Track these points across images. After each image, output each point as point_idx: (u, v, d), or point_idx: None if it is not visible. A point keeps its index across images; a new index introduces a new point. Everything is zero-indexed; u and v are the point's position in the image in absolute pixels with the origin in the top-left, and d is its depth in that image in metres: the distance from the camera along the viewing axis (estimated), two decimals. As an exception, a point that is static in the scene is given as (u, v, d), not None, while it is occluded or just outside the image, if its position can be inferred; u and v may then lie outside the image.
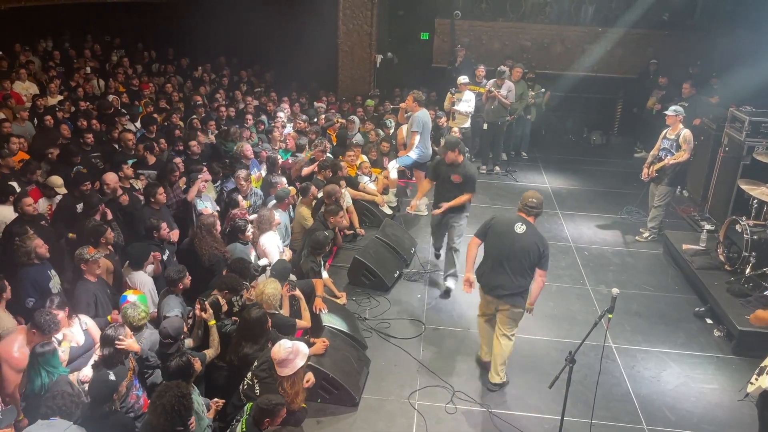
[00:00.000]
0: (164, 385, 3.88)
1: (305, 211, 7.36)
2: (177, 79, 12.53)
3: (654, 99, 11.39)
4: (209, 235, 5.97)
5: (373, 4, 12.33)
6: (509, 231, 5.19)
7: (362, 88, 12.84)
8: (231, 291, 5.19)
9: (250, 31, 14.01)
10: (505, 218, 5.42)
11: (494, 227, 5.33)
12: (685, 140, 7.99)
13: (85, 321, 4.72)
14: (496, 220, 5.41)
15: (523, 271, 5.14)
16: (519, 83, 11.10)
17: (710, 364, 5.95)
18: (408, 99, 8.43)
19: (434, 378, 5.59)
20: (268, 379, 4.42)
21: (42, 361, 4.06)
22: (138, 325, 4.61)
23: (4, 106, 8.76)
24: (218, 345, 4.84)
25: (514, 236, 5.15)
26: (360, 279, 7.03)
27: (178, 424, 3.71)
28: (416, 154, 8.50)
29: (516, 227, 5.18)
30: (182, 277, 5.26)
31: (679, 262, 7.65)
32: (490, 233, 5.35)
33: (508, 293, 5.18)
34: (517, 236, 5.14)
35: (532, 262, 5.11)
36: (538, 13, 13.04)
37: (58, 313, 4.38)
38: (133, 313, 4.60)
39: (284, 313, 5.42)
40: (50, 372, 4.07)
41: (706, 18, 12.54)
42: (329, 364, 5.13)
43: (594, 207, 9.63)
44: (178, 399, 3.66)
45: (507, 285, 5.16)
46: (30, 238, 5.07)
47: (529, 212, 5.27)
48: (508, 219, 5.35)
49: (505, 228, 5.23)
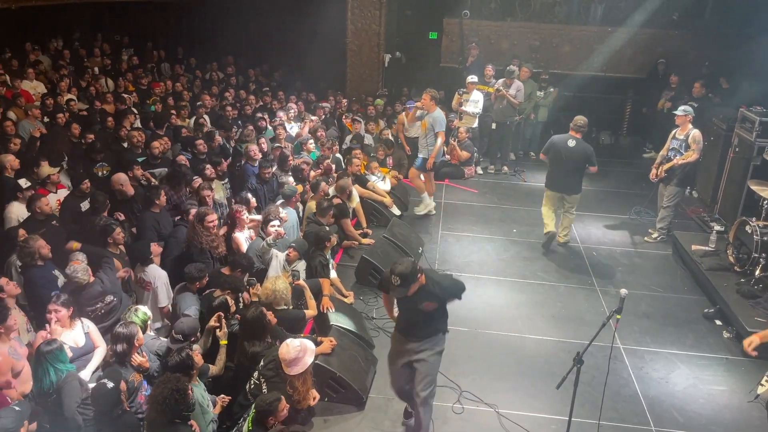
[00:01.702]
0: (162, 378, 3.92)
1: (314, 206, 7.38)
2: (186, 78, 12.59)
3: (663, 100, 11.31)
4: (200, 224, 5.90)
5: (381, 4, 12.33)
6: (564, 146, 7.63)
7: (370, 87, 12.84)
8: (234, 291, 5.23)
9: (259, 31, 14.07)
10: (561, 137, 7.79)
11: (554, 144, 7.78)
12: (695, 140, 7.94)
13: (87, 324, 4.74)
14: (554, 139, 7.86)
15: (576, 171, 7.68)
16: (527, 83, 11.07)
17: (719, 366, 5.92)
18: (424, 97, 8.39)
19: (441, 378, 5.56)
20: (275, 378, 4.44)
21: (50, 358, 4.05)
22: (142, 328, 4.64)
23: (14, 104, 8.82)
24: (223, 366, 4.85)
25: (568, 149, 7.59)
26: (367, 278, 7.03)
27: (174, 416, 3.72)
28: (428, 153, 8.56)
29: (568, 142, 7.61)
30: (202, 276, 5.37)
31: (688, 263, 7.60)
32: (551, 148, 7.79)
33: (569, 187, 7.79)
34: (570, 148, 7.57)
35: (582, 164, 7.60)
36: (547, 13, 12.98)
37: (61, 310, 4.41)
38: (135, 319, 4.61)
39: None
40: (58, 369, 4.08)
41: (717, 18, 12.45)
42: (336, 363, 5.14)
43: (602, 207, 9.59)
44: (171, 392, 3.68)
45: (566, 183, 7.78)
46: (34, 239, 5.11)
47: (578, 130, 7.63)
48: (562, 137, 7.75)
49: (561, 144, 7.69)
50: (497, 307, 6.81)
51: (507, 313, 6.70)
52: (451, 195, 9.83)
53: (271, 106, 11.38)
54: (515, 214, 9.21)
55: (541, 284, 7.29)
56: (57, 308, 4.47)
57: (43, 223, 5.65)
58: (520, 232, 8.63)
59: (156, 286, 5.47)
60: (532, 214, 9.23)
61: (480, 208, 9.42)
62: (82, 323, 4.71)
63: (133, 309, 4.75)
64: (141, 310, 4.74)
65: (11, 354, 4.21)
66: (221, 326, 4.81)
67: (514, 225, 8.83)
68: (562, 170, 7.73)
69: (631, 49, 12.27)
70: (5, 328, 4.24)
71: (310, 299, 5.58)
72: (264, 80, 13.59)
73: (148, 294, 5.51)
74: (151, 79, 12.04)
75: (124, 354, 4.22)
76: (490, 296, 7.00)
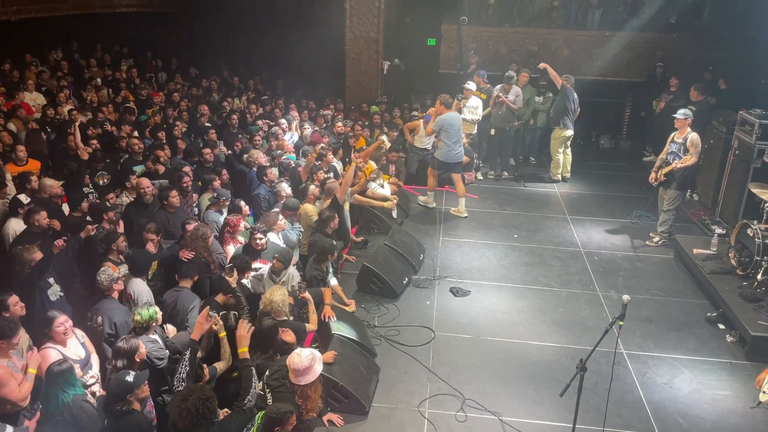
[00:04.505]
0: (187, 389, 3.95)
1: (309, 208, 7.37)
2: (183, 86, 12.62)
3: (663, 102, 11.30)
4: (201, 240, 5.93)
5: (380, 11, 12.36)
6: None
7: (370, 94, 12.85)
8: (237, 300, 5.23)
9: (258, 39, 14.11)
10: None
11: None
12: (693, 144, 7.94)
13: (81, 334, 4.76)
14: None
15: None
16: (526, 88, 11.08)
17: (723, 370, 5.89)
18: (436, 103, 9.08)
19: (444, 386, 5.57)
20: (280, 388, 4.41)
21: (62, 381, 4.02)
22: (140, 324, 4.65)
23: (14, 116, 8.85)
24: (230, 357, 4.84)
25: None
26: (369, 286, 7.02)
27: (203, 427, 3.75)
28: (442, 154, 8.97)
29: None
30: (195, 273, 5.43)
31: (690, 266, 7.59)
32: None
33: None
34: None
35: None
36: (545, 18, 13.02)
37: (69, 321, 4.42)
38: (140, 309, 4.65)
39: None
40: (68, 393, 4.03)
41: (715, 20, 12.47)
42: (339, 373, 5.12)
43: (603, 211, 9.58)
44: (202, 402, 3.72)
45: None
46: (29, 250, 5.14)
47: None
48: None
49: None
50: (499, 313, 6.79)
51: (509, 319, 6.69)
52: (452, 201, 9.82)
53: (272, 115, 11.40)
54: (516, 220, 9.21)
55: (542, 290, 7.28)
56: (66, 319, 4.53)
57: (38, 237, 5.65)
58: (520, 237, 8.62)
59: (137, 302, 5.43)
60: (532, 219, 9.24)
61: (480, 214, 9.41)
62: (75, 334, 4.73)
63: (146, 305, 4.76)
64: (153, 308, 4.74)
65: (10, 366, 4.24)
66: (216, 321, 4.80)
67: (515, 230, 8.83)
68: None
69: (629, 52, 12.28)
70: (8, 344, 4.25)
71: (313, 313, 5.56)
72: (263, 89, 13.60)
73: (128, 305, 5.47)
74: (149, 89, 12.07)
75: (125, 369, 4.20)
76: (492, 302, 6.98)
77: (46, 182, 6.63)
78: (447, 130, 8.87)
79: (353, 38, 12.62)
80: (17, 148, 7.43)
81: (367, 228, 8.51)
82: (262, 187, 7.66)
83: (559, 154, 10.68)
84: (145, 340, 4.68)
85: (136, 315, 4.63)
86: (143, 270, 5.53)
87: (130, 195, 7.13)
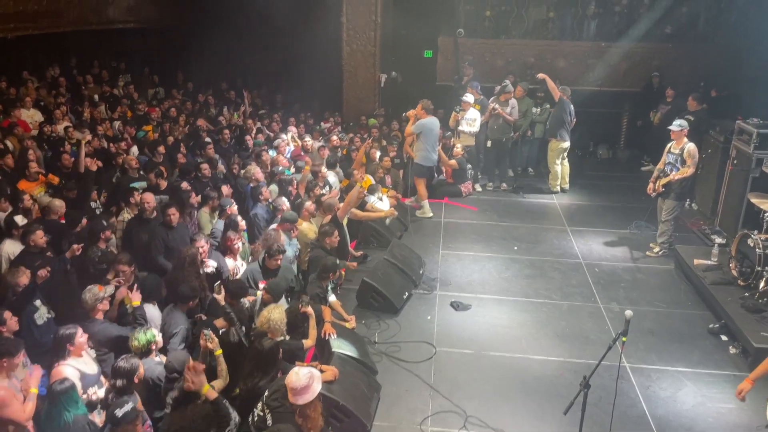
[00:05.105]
0: (191, 409, 3.99)
1: (305, 226, 7.35)
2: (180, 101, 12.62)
3: (659, 114, 11.32)
4: (192, 266, 5.86)
5: (376, 25, 12.41)
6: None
7: (367, 107, 12.88)
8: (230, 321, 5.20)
9: (255, 54, 14.14)
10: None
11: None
12: (690, 154, 7.92)
13: (90, 351, 4.72)
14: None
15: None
16: (523, 100, 11.11)
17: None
18: (418, 107, 9.25)
19: (446, 403, 5.51)
20: (280, 409, 4.35)
21: (65, 399, 3.97)
22: (139, 349, 4.60)
23: (10, 134, 8.83)
24: (227, 375, 4.79)
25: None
26: (369, 301, 6.97)
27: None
28: (419, 158, 9.31)
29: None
30: (194, 296, 5.34)
31: (691, 277, 7.56)
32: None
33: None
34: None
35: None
36: (541, 29, 13.09)
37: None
38: (138, 335, 4.60)
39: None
40: (70, 412, 3.98)
41: (710, 29, 12.54)
42: (339, 391, 5.06)
43: (603, 222, 9.56)
44: (215, 415, 3.81)
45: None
46: (14, 273, 5.10)
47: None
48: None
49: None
50: (500, 327, 6.74)
51: (510, 333, 6.64)
52: (451, 213, 9.80)
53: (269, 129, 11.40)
54: (516, 232, 9.18)
55: (544, 303, 7.24)
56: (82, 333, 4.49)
57: (37, 256, 5.60)
58: (521, 249, 8.59)
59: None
60: (532, 231, 9.21)
61: (480, 226, 9.39)
62: (87, 351, 4.68)
63: (144, 328, 4.72)
64: (151, 331, 4.70)
65: (11, 387, 4.19)
66: (211, 339, 4.74)
67: (515, 242, 8.80)
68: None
69: (625, 63, 12.36)
70: (9, 363, 4.20)
71: (313, 329, 5.50)
72: (260, 103, 13.62)
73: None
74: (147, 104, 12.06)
75: (124, 389, 4.15)
76: (493, 316, 6.94)
77: (54, 204, 6.60)
78: (426, 135, 9.25)
79: (350, 52, 12.66)
80: (30, 165, 7.43)
81: (367, 242, 8.47)
82: (259, 206, 7.59)
83: (556, 166, 10.68)
84: (154, 363, 4.63)
85: (134, 341, 4.58)
86: (155, 295, 5.50)
87: (131, 211, 7.09)
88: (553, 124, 10.53)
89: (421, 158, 9.38)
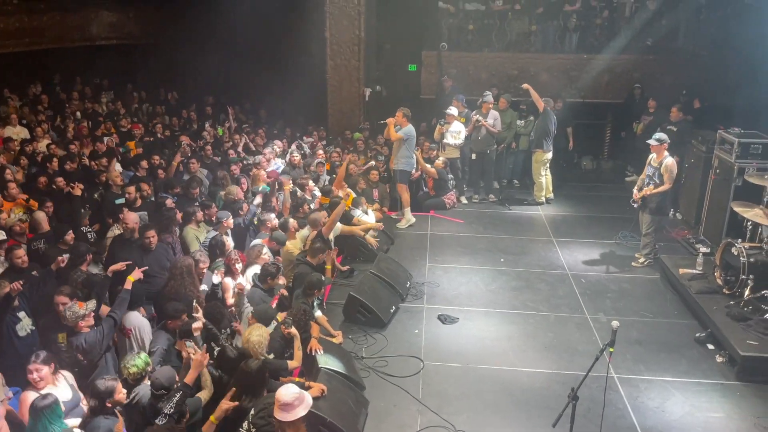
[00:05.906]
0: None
1: (289, 244, 7.31)
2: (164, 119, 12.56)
3: (642, 124, 11.43)
4: (188, 277, 5.84)
5: (360, 39, 12.45)
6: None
7: (352, 122, 12.87)
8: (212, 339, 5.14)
9: (239, 69, 14.12)
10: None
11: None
12: (667, 170, 7.96)
13: (67, 375, 4.60)
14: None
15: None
16: (507, 112, 11.17)
17: (715, 392, 5.84)
18: (397, 114, 9.42)
19: (435, 417, 5.45)
20: (266, 427, 4.28)
21: (48, 413, 3.87)
22: (135, 376, 4.51)
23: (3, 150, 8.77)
24: (211, 385, 4.73)
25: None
26: (356, 316, 6.91)
27: None
28: (401, 165, 9.56)
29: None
30: (177, 315, 5.26)
31: (676, 286, 7.58)
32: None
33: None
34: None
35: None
36: (524, 42, 13.21)
37: (42, 368, 4.26)
38: (132, 361, 4.51)
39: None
40: (53, 425, 3.90)
41: (690, 41, 12.73)
42: (326, 408, 4.98)
43: (588, 233, 9.59)
44: None
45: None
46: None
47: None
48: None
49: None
50: (488, 340, 6.71)
51: (498, 346, 6.61)
52: (437, 226, 9.79)
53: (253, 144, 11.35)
54: (502, 243, 9.18)
55: (531, 314, 7.22)
56: (38, 367, 4.30)
57: (21, 275, 5.51)
58: (507, 261, 8.58)
59: (140, 337, 5.34)
60: (518, 242, 9.22)
61: (466, 239, 9.38)
62: (65, 377, 4.57)
63: (136, 353, 4.63)
64: (143, 355, 4.63)
65: None
66: (195, 352, 4.67)
67: (501, 254, 8.79)
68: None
69: (607, 74, 12.49)
70: None
71: (298, 350, 5.43)
72: (244, 118, 13.57)
73: (129, 341, 5.37)
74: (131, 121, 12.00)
75: (97, 410, 4.06)
76: (481, 329, 6.91)
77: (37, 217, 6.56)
78: (409, 142, 9.55)
79: (334, 66, 12.68)
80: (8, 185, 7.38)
81: (353, 256, 8.42)
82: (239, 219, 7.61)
83: (541, 177, 10.73)
84: (148, 388, 4.52)
85: (131, 368, 4.49)
86: (137, 301, 5.44)
87: (120, 227, 6.99)
88: (539, 134, 10.59)
89: (405, 164, 9.60)
